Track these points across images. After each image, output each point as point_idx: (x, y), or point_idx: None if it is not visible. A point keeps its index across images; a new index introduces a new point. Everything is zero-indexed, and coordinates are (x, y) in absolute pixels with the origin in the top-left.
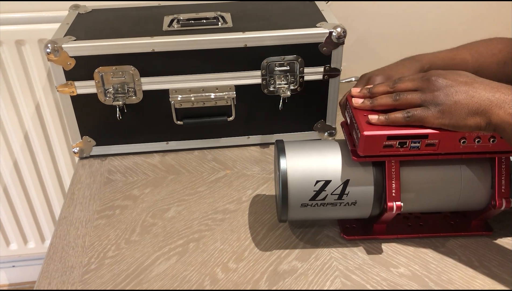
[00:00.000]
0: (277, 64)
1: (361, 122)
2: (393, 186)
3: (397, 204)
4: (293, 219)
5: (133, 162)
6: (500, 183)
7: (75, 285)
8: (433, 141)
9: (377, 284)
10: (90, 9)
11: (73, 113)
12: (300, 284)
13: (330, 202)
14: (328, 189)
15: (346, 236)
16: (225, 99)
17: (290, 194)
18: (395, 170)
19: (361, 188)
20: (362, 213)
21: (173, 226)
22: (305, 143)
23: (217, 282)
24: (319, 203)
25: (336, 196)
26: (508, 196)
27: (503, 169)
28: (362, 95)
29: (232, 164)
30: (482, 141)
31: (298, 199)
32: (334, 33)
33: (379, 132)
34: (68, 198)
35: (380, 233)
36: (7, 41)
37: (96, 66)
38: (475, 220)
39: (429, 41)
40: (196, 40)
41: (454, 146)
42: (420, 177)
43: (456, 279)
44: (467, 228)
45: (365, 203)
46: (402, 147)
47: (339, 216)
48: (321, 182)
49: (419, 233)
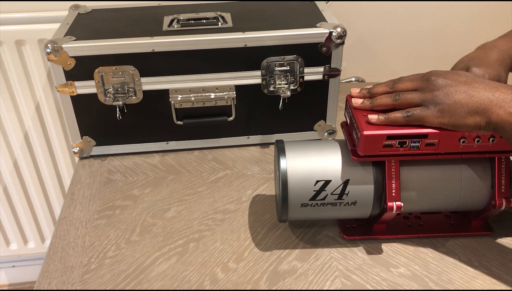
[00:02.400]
0: (277, 64)
1: (361, 122)
2: (393, 185)
3: (397, 204)
4: (293, 219)
5: (133, 162)
6: (500, 183)
7: (75, 285)
8: (432, 141)
9: (377, 284)
10: (90, 9)
11: (73, 113)
12: (300, 284)
13: (330, 202)
14: (328, 189)
15: (346, 236)
16: (225, 99)
17: (290, 194)
18: (395, 170)
19: (361, 187)
20: (362, 212)
21: (173, 226)
22: (305, 143)
23: (217, 282)
24: (319, 203)
25: (336, 196)
26: (508, 196)
27: (503, 169)
28: (361, 96)
29: (232, 164)
30: (482, 141)
31: (298, 199)
32: (334, 33)
33: (378, 132)
34: (68, 198)
35: (380, 233)
36: (7, 41)
37: (96, 66)
38: (475, 220)
39: (429, 41)
40: (196, 40)
41: (454, 146)
42: (420, 177)
43: (456, 279)
44: (467, 228)
45: (365, 202)
46: (402, 147)
47: (339, 216)
48: (321, 181)
49: (419, 233)
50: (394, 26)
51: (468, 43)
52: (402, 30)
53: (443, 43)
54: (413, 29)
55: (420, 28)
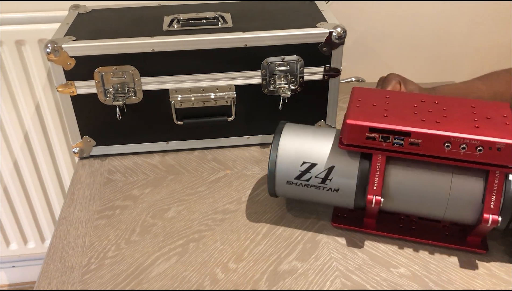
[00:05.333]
0: (277, 64)
1: (349, 111)
2: (375, 179)
3: (376, 198)
4: (281, 195)
5: (133, 162)
6: (490, 198)
7: (75, 285)
8: (416, 141)
9: (377, 284)
10: (90, 9)
11: (73, 113)
12: (300, 284)
13: (314, 185)
14: (313, 172)
15: (334, 223)
16: (225, 99)
17: (277, 169)
18: (381, 165)
19: (345, 176)
20: (345, 202)
21: (173, 226)
22: (304, 128)
23: (217, 282)
24: (303, 183)
25: (319, 180)
26: (497, 213)
27: (495, 184)
28: None
29: (232, 164)
30: (468, 148)
31: (284, 176)
32: (334, 33)
33: (362, 122)
34: (68, 198)
35: (369, 227)
36: (7, 41)
37: (96, 66)
38: (471, 236)
39: (429, 41)
40: (196, 40)
41: (438, 149)
42: (407, 177)
43: (456, 279)
44: (461, 242)
45: (347, 192)
46: (385, 142)
47: (323, 201)
48: (307, 163)
49: (408, 236)
50: (394, 26)
51: (468, 43)
52: (402, 30)
53: (443, 43)
54: (413, 29)
55: (420, 28)
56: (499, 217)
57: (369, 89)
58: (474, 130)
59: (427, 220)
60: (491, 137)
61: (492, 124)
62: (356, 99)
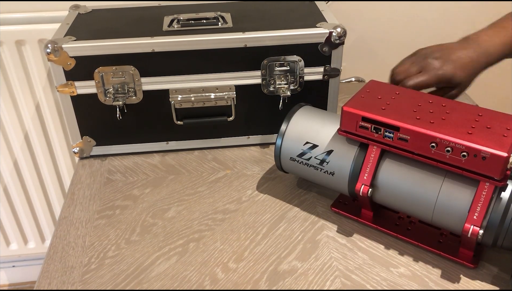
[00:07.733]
0: (277, 64)
1: (351, 99)
2: (367, 169)
3: (364, 187)
4: (286, 170)
5: (133, 162)
6: (475, 209)
7: (75, 285)
8: (405, 137)
9: (377, 284)
10: (90, 9)
11: (73, 113)
12: (300, 284)
13: (313, 165)
14: (313, 152)
15: (333, 207)
16: (225, 99)
17: (283, 145)
18: (374, 156)
19: (341, 161)
20: (339, 186)
21: (173, 226)
22: (318, 111)
23: (217, 282)
24: (303, 162)
25: (318, 161)
26: (479, 225)
27: (483, 196)
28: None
29: (232, 164)
30: (453, 152)
31: (288, 152)
32: (334, 33)
33: (356, 111)
34: (68, 198)
35: (365, 218)
36: (7, 41)
37: (96, 66)
38: (462, 248)
39: (429, 41)
40: (196, 40)
41: (425, 148)
42: (399, 173)
43: (456, 279)
44: (453, 252)
45: (341, 177)
46: (377, 133)
47: (321, 182)
48: (309, 144)
49: (401, 235)
50: (394, 26)
51: None
52: (402, 30)
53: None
54: (413, 29)
55: (420, 28)
56: (480, 229)
57: (384, 84)
58: (463, 135)
59: (426, 224)
60: (476, 145)
61: (488, 134)
62: (365, 91)
